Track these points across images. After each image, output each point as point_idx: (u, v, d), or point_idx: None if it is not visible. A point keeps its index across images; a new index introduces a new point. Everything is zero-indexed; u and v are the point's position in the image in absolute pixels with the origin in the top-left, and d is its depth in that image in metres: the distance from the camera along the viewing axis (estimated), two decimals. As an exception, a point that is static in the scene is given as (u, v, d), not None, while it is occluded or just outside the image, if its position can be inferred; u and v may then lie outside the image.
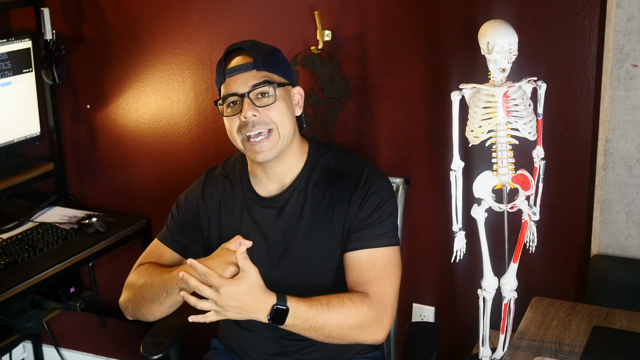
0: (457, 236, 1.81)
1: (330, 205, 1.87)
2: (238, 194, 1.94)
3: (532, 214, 1.78)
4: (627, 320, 1.98)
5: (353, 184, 1.87)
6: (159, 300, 1.83)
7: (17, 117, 2.81)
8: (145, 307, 1.87)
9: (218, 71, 1.88)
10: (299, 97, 1.91)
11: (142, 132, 2.84)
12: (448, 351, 2.52)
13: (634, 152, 2.15)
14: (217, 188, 1.97)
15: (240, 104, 1.81)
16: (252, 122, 1.80)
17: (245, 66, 1.82)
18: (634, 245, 2.20)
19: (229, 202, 1.95)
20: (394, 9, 2.36)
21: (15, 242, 2.56)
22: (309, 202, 1.88)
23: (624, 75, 2.11)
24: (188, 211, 1.98)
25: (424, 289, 2.55)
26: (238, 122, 1.82)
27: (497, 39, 1.69)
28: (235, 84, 1.82)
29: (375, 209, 1.84)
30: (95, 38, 2.82)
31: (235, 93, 1.81)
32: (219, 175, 1.99)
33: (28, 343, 3.18)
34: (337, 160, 1.93)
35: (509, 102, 1.72)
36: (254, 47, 1.85)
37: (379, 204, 1.85)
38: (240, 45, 1.85)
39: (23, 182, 2.85)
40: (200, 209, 1.97)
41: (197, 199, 1.98)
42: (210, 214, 1.96)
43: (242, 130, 1.81)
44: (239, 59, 1.84)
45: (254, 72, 1.82)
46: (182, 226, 1.98)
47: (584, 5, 2.15)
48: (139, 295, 1.88)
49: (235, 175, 1.97)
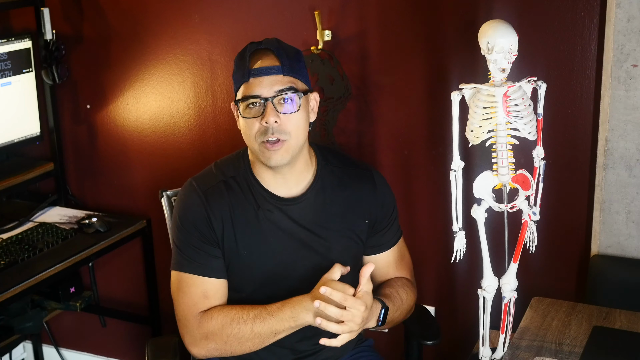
0: (457, 236, 1.81)
1: (350, 204, 1.92)
2: (248, 197, 1.87)
3: (532, 214, 1.78)
4: (627, 320, 1.98)
5: (369, 182, 1.95)
6: (263, 344, 1.83)
7: (17, 117, 2.81)
8: (244, 351, 1.85)
9: (239, 68, 1.81)
10: (314, 103, 1.89)
11: (142, 132, 2.84)
12: (448, 351, 2.52)
13: (634, 152, 2.15)
14: (221, 195, 1.87)
15: (262, 107, 1.77)
16: (273, 128, 1.77)
17: (273, 70, 1.77)
18: (634, 245, 2.20)
19: (239, 207, 1.87)
20: (394, 9, 2.36)
21: (15, 242, 2.56)
22: (328, 202, 1.90)
23: (624, 75, 2.11)
24: (200, 228, 1.86)
25: (424, 289, 2.55)
26: (258, 126, 1.78)
27: (497, 39, 1.69)
28: (259, 87, 1.77)
29: (393, 209, 1.99)
30: (95, 38, 2.82)
31: (258, 96, 1.77)
32: (218, 183, 1.89)
33: (28, 343, 3.18)
34: (340, 159, 1.97)
35: (509, 102, 1.72)
36: (281, 49, 1.80)
37: (393, 203, 2.00)
38: (267, 45, 1.80)
39: (23, 182, 2.85)
40: (212, 221, 1.85)
41: (204, 213, 1.85)
42: (223, 222, 1.86)
43: (262, 136, 1.78)
44: (266, 60, 1.78)
45: (281, 77, 1.77)
46: (201, 247, 1.87)
47: (584, 5, 2.15)
48: (236, 346, 1.83)
49: (239, 179, 1.89)
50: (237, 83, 1.82)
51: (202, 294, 1.85)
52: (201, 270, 1.85)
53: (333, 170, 1.93)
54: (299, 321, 1.77)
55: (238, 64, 1.82)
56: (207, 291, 1.85)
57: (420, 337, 2.06)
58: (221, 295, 1.87)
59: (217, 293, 1.86)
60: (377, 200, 1.94)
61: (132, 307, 3.04)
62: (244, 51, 1.82)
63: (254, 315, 1.80)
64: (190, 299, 1.85)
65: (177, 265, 1.88)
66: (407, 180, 2.47)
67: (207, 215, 1.85)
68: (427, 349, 2.55)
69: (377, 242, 1.97)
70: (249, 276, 1.88)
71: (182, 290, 1.86)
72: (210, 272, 1.86)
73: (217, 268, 1.86)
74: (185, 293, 1.86)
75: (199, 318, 1.83)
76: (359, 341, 2.07)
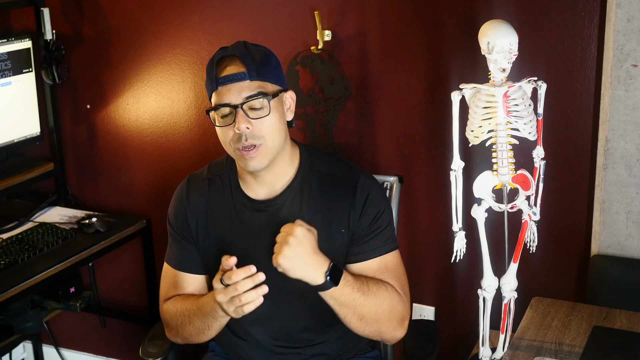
0: (457, 236, 1.81)
1: (327, 211, 1.86)
2: (226, 197, 1.91)
3: (532, 214, 1.78)
4: (627, 320, 1.98)
5: (350, 191, 1.87)
6: (207, 336, 1.87)
7: (17, 117, 2.81)
8: (196, 338, 1.89)
9: (209, 76, 1.80)
10: (290, 102, 1.86)
11: (142, 132, 2.84)
12: (448, 351, 2.52)
13: (634, 152, 2.15)
14: (201, 192, 1.93)
15: (234, 115, 1.75)
16: (245, 135, 1.76)
17: (239, 76, 1.75)
18: (634, 245, 2.20)
19: (216, 206, 1.91)
20: (394, 9, 2.36)
21: (15, 242, 2.56)
22: (305, 207, 1.86)
23: (624, 75, 2.11)
24: (176, 222, 1.95)
25: (424, 289, 2.55)
26: (232, 134, 1.77)
27: (497, 38, 1.69)
28: (227, 94, 1.76)
29: (375, 219, 1.87)
30: (95, 38, 2.82)
31: (228, 104, 1.76)
32: (204, 180, 1.94)
33: (28, 343, 3.18)
34: (330, 164, 1.92)
35: (509, 102, 1.72)
36: (246, 53, 1.77)
37: (377, 213, 1.87)
38: (233, 51, 1.78)
39: (23, 182, 2.85)
40: (188, 216, 1.93)
41: (183, 206, 1.94)
42: (198, 218, 1.92)
43: (236, 142, 1.77)
44: (231, 68, 1.77)
45: (248, 83, 1.76)
46: (176, 240, 1.95)
47: (584, 5, 2.15)
48: (185, 332, 1.89)
49: (223, 179, 1.93)
50: (209, 91, 1.82)
51: (172, 284, 1.96)
52: (174, 262, 1.96)
53: (316, 175, 1.89)
54: (215, 312, 1.77)
55: (208, 72, 1.81)
56: (176, 283, 1.95)
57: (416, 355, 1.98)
58: (191, 289, 1.94)
59: (186, 285, 1.94)
60: (355, 210, 1.86)
61: (132, 307, 3.04)
62: (212, 59, 1.80)
63: (191, 310, 1.85)
64: (164, 287, 1.97)
65: (167, 259, 2.00)
66: (407, 180, 2.47)
67: (184, 211, 1.93)
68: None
69: (357, 250, 1.86)
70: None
71: (162, 278, 1.99)
72: (180, 265, 1.95)
73: (188, 262, 1.94)
74: (163, 281, 1.98)
75: (162, 305, 1.95)
76: (360, 351, 2.03)
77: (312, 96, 2.49)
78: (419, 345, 2.00)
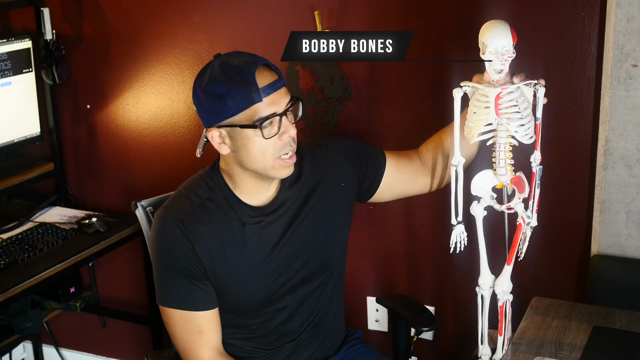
0: (455, 228, 1.81)
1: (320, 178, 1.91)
2: (230, 215, 1.82)
3: (525, 217, 1.77)
4: (627, 320, 1.98)
5: (323, 148, 1.95)
6: None
7: (17, 117, 2.81)
8: None
9: (244, 88, 1.68)
10: None
11: (142, 132, 2.84)
12: (448, 351, 2.51)
13: (634, 152, 2.14)
14: (201, 221, 1.80)
15: (278, 124, 1.72)
16: (293, 141, 1.76)
17: (280, 83, 1.73)
18: (634, 245, 2.20)
19: (223, 228, 1.81)
20: (394, 8, 2.36)
21: (15, 242, 2.56)
22: (305, 188, 1.89)
23: (624, 75, 2.11)
24: (184, 263, 1.79)
25: (423, 288, 2.55)
26: (277, 144, 1.73)
27: (490, 40, 1.70)
28: (273, 104, 1.71)
29: (356, 151, 1.98)
30: (95, 38, 2.83)
31: (273, 113, 1.71)
32: (195, 208, 1.80)
33: (28, 343, 3.18)
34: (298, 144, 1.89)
35: (501, 104, 1.72)
36: (266, 60, 1.74)
37: (354, 147, 1.99)
38: (259, 59, 1.72)
39: (23, 182, 2.85)
40: (197, 252, 1.79)
41: (188, 245, 1.78)
42: (211, 249, 1.80)
43: (283, 150, 1.74)
44: (268, 76, 1.71)
45: (285, 89, 1.75)
46: (188, 282, 1.81)
47: (584, 5, 2.15)
48: None
49: (216, 199, 1.82)
50: (240, 106, 1.69)
51: (197, 330, 1.82)
52: (191, 306, 1.82)
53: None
54: None
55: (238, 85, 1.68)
56: (200, 326, 1.83)
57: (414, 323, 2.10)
58: (216, 326, 1.85)
59: (212, 325, 1.84)
60: (340, 161, 1.94)
61: (132, 307, 3.04)
62: (241, 71, 1.69)
63: None
64: (186, 335, 1.83)
65: (163, 300, 1.84)
66: (407, 180, 2.47)
67: (192, 247, 1.79)
68: (427, 348, 2.56)
69: (372, 174, 1.98)
70: (249, 295, 1.86)
71: (176, 325, 1.84)
72: (200, 305, 1.83)
73: (207, 299, 1.83)
74: (180, 329, 1.83)
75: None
76: (348, 334, 2.09)
77: (312, 96, 2.49)
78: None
